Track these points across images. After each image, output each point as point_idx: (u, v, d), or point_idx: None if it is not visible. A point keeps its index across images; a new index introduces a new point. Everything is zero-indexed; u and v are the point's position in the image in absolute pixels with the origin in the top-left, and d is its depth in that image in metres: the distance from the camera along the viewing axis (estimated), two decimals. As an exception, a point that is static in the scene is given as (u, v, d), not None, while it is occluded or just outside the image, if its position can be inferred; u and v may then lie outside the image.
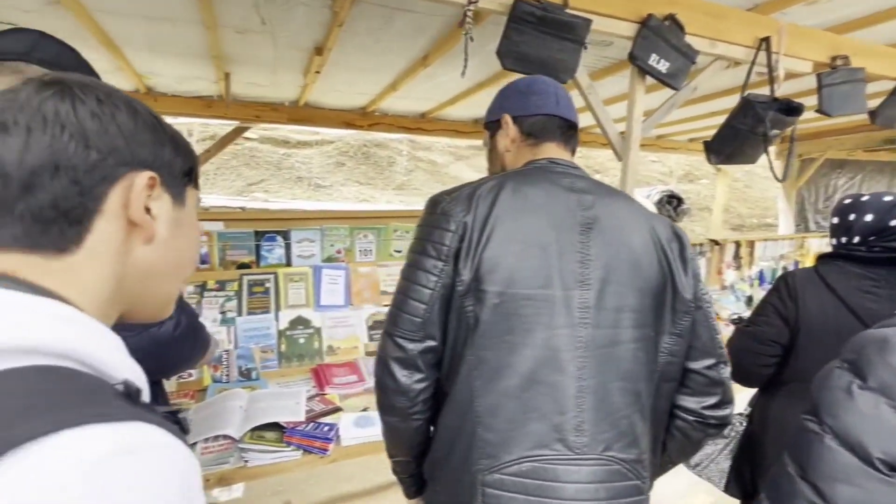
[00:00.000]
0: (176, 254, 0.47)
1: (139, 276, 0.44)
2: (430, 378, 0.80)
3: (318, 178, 6.84)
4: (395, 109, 3.62)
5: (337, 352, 1.91)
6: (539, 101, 0.91)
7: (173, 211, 0.45)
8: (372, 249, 2.19)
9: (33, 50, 0.89)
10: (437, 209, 0.80)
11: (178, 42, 2.13)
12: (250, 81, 2.85)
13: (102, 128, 0.40)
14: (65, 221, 0.38)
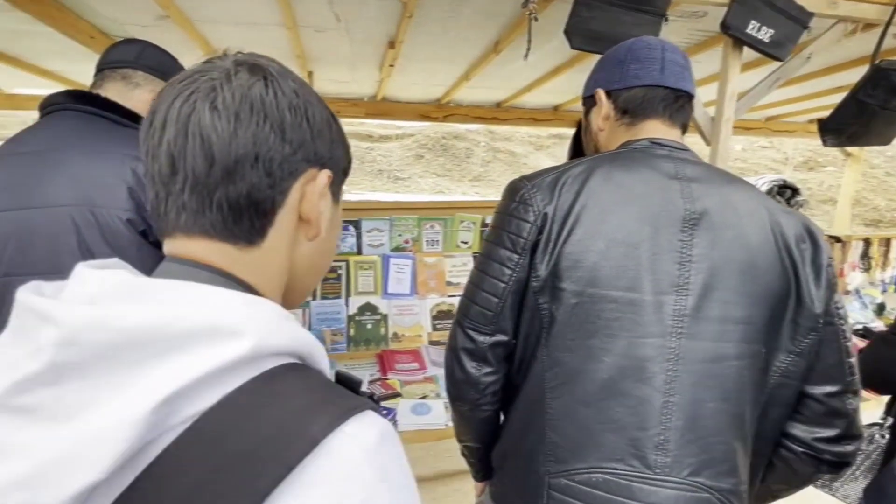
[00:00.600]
0: (327, 250, 0.48)
1: (300, 270, 0.45)
2: (499, 371, 0.78)
3: (397, 171, 7.07)
4: (470, 100, 3.60)
5: (401, 339, 1.96)
6: (638, 70, 0.77)
7: (332, 209, 0.46)
8: (439, 240, 2.21)
9: (139, 58, 1.01)
10: (516, 196, 0.75)
11: (265, 45, 2.30)
12: (331, 78, 3.00)
13: (297, 121, 0.40)
14: (255, 213, 0.39)
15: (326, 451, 0.30)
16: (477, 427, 0.85)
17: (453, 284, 2.13)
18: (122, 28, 2.07)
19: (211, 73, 0.37)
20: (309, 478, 0.29)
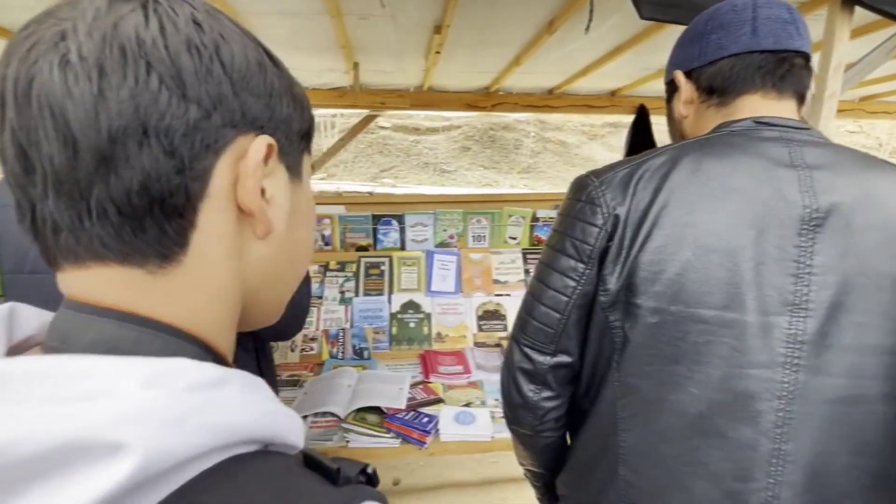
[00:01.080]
0: (294, 247, 0.35)
1: (258, 282, 0.33)
2: (562, 396, 0.69)
3: (443, 164, 6.99)
4: (521, 87, 3.43)
5: (445, 339, 1.87)
6: (722, 38, 0.64)
7: (290, 189, 0.33)
8: (485, 235, 2.09)
9: None
10: (582, 195, 0.64)
11: (310, 35, 2.26)
12: (377, 69, 2.94)
13: (202, 67, 0.26)
14: (162, 214, 0.26)
15: None
16: (539, 453, 0.76)
17: (500, 283, 2.01)
18: (173, 24, 2.10)
19: (61, 13, 0.25)
20: None
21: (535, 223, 2.10)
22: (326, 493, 0.26)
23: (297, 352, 1.78)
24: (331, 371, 1.65)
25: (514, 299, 1.96)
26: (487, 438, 1.30)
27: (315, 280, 1.94)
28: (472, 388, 1.56)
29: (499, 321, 1.92)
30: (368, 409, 1.38)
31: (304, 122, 0.35)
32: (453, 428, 1.33)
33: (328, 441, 1.29)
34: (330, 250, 2.01)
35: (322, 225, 1.98)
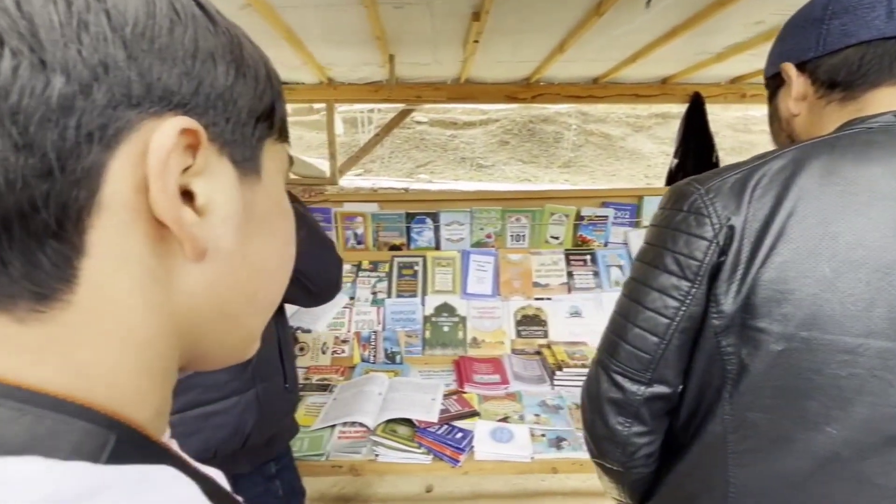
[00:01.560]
0: (254, 264, 0.26)
1: (198, 318, 0.24)
2: (656, 432, 0.64)
3: (480, 158, 6.83)
4: (563, 77, 3.25)
5: (481, 345, 1.77)
6: (848, 24, 0.55)
7: (240, 189, 0.24)
8: (525, 234, 1.97)
9: None
10: (684, 205, 0.58)
11: (344, 27, 2.20)
12: (413, 61, 2.86)
13: (75, 19, 0.18)
14: (26, 236, 0.18)
15: None
16: (627, 487, 0.70)
17: (541, 286, 1.88)
18: (210, 20, 2.09)
19: None
20: None
21: (580, 222, 1.95)
22: None
23: (328, 354, 1.73)
24: (361, 377, 1.59)
25: (555, 304, 1.83)
26: (526, 459, 1.19)
27: (347, 280, 1.88)
28: (510, 401, 1.45)
29: (539, 327, 1.80)
30: (399, 421, 1.31)
31: (261, 100, 0.25)
32: (489, 445, 1.22)
33: (356, 453, 1.22)
34: (363, 249, 1.95)
35: (354, 223, 1.92)
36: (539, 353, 1.71)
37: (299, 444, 1.24)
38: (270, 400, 0.84)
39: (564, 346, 1.68)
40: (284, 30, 2.24)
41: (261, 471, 0.86)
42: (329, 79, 3.18)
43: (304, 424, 1.34)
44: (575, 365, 1.52)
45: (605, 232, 1.97)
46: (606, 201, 1.99)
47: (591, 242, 1.98)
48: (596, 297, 1.85)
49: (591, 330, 1.78)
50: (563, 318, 1.82)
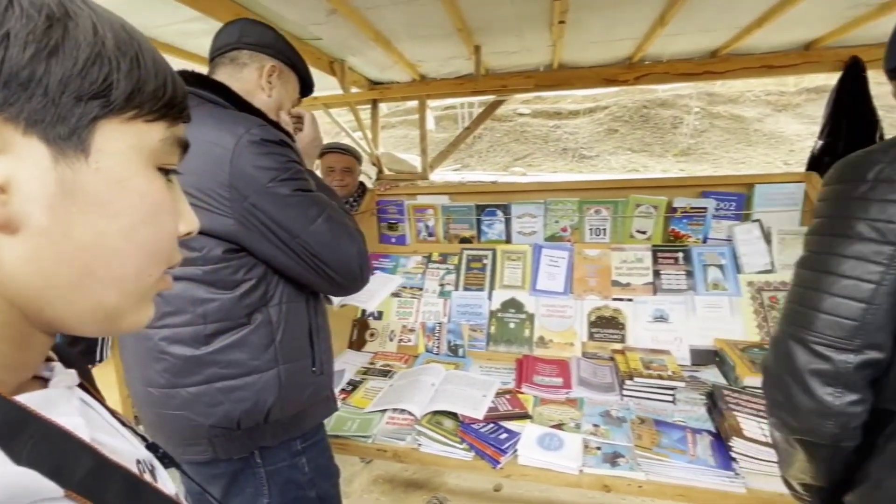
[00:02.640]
0: (82, 246, 0.28)
1: (27, 286, 0.27)
2: (868, 400, 0.64)
3: (584, 149, 6.41)
4: (672, 52, 2.90)
5: (549, 345, 1.67)
6: None
7: (55, 170, 0.26)
8: (606, 228, 1.80)
9: (242, 36, 0.99)
10: (868, 175, 0.63)
11: (426, 22, 2.23)
12: (500, 51, 2.79)
13: None
14: None
15: None
16: (830, 465, 0.69)
17: (621, 285, 1.70)
18: (305, 29, 2.28)
19: None
20: None
21: (672, 214, 1.72)
22: None
23: (395, 341, 1.78)
24: (421, 366, 1.61)
25: (636, 306, 1.64)
26: (573, 471, 1.09)
27: (417, 271, 1.92)
28: (569, 407, 1.34)
29: (615, 330, 1.63)
30: (446, 414, 1.29)
31: (84, 79, 0.26)
32: (534, 451, 1.14)
33: (401, 440, 1.24)
34: (433, 241, 1.97)
35: (426, 215, 1.95)
36: (612, 360, 1.55)
37: (350, 423, 1.30)
38: (294, 380, 0.88)
39: (642, 353, 1.50)
40: (372, 31, 2.34)
41: (287, 446, 0.91)
42: (421, 76, 3.27)
43: (359, 406, 1.40)
44: (650, 375, 1.35)
45: (704, 226, 1.71)
46: (707, 191, 1.72)
47: (686, 238, 1.73)
48: (687, 301, 1.61)
49: (678, 338, 1.56)
50: (645, 323, 1.62)
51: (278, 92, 0.99)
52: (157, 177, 0.31)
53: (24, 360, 0.29)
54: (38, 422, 0.26)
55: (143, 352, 0.85)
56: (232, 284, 0.83)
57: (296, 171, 0.85)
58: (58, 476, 0.25)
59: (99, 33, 0.27)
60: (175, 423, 0.86)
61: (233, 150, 0.79)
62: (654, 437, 1.14)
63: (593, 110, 6.97)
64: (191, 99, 0.94)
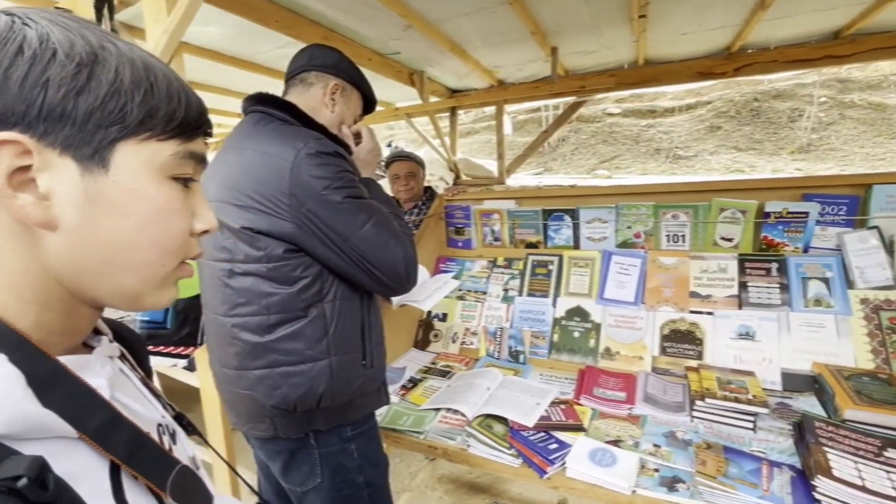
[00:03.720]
0: (105, 241, 0.35)
1: (69, 271, 0.35)
2: None
3: (679, 148, 5.87)
4: (781, 37, 2.58)
5: (615, 357, 1.58)
6: None
7: (83, 182, 0.33)
8: (684, 234, 1.67)
9: (311, 59, 1.11)
10: None
11: (500, 29, 2.25)
12: (578, 51, 2.71)
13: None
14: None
15: None
16: None
17: (700, 297, 1.56)
18: (385, 45, 2.43)
19: None
20: None
21: (764, 220, 1.54)
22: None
23: (457, 343, 1.82)
24: (478, 369, 1.63)
25: (717, 320, 1.50)
26: (625, 491, 1.03)
27: (482, 275, 1.94)
28: (630, 424, 1.26)
29: (691, 346, 1.50)
30: (497, 418, 1.29)
31: (106, 111, 0.33)
32: (584, 465, 1.10)
33: (451, 440, 1.27)
34: (499, 246, 1.98)
35: (491, 220, 1.96)
36: (686, 377, 1.43)
37: (405, 418, 1.36)
38: (344, 372, 0.96)
39: (719, 372, 1.37)
40: (448, 42, 2.42)
41: (337, 431, 0.99)
42: (499, 81, 3.29)
43: (416, 403, 1.45)
44: (725, 397, 1.22)
45: (805, 233, 1.50)
46: (810, 193, 1.51)
47: (781, 247, 1.53)
48: (780, 317, 1.43)
49: (767, 358, 1.39)
50: (727, 339, 1.47)
51: (340, 108, 1.09)
52: (168, 185, 0.38)
53: (71, 327, 0.38)
54: (70, 378, 0.33)
55: (221, 337, 0.99)
56: (291, 281, 0.93)
57: (348, 180, 0.93)
58: (75, 421, 0.32)
59: (119, 72, 0.34)
60: (244, 401, 0.98)
61: (292, 162, 0.89)
62: (721, 465, 1.03)
63: (693, 106, 6.36)
64: (262, 117, 1.07)
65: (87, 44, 0.33)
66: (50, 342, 0.34)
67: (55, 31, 0.32)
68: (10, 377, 0.30)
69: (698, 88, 6.46)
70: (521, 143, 5.76)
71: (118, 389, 0.39)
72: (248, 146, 0.95)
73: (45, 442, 0.30)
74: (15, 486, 0.26)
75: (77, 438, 0.32)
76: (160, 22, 1.26)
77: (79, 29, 0.33)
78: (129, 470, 0.35)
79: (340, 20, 2.05)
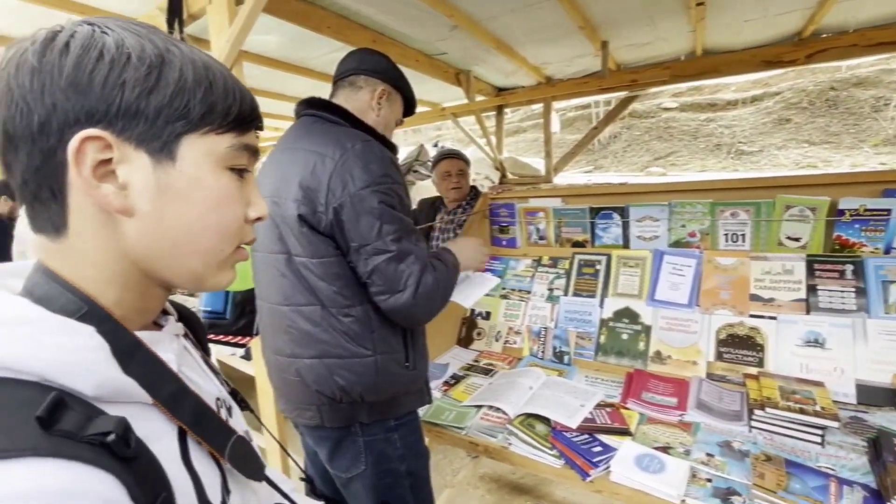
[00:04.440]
0: (172, 227, 0.38)
1: (143, 253, 0.38)
2: None
3: (743, 143, 5.47)
4: (863, 19, 2.36)
5: (666, 361, 1.52)
6: None
7: (154, 173, 0.36)
8: (745, 234, 1.57)
9: (360, 63, 1.15)
10: None
11: (547, 24, 2.21)
12: (631, 43, 2.61)
13: (41, 83, 0.33)
14: (40, 201, 0.35)
15: None
16: None
17: (762, 300, 1.46)
18: (431, 45, 2.46)
19: None
20: None
21: (838, 218, 1.41)
22: (9, 430, 0.27)
23: (500, 342, 1.81)
24: (522, 368, 1.61)
25: (782, 325, 1.39)
26: (674, 499, 0.98)
27: (526, 274, 1.92)
28: (681, 430, 1.21)
29: (751, 352, 1.41)
30: (539, 418, 1.28)
31: (172, 108, 0.36)
32: (630, 470, 1.06)
33: (493, 437, 1.27)
34: (544, 244, 1.95)
35: (536, 218, 1.94)
36: (744, 385, 1.34)
37: (447, 414, 1.38)
38: (387, 370, 0.98)
39: (783, 380, 1.27)
40: (493, 40, 2.42)
41: (381, 423, 1.01)
42: (547, 78, 3.23)
43: (458, 399, 1.46)
44: (789, 408, 1.14)
45: (887, 233, 1.36)
46: (891, 189, 1.37)
47: (857, 247, 1.40)
48: (855, 324, 1.31)
49: (839, 368, 1.28)
50: (792, 346, 1.36)
51: (385, 112, 1.12)
52: (225, 175, 0.41)
53: (145, 306, 0.42)
54: (146, 351, 0.37)
55: (276, 325, 1.05)
56: (334, 277, 0.96)
57: (388, 188, 0.95)
58: (151, 389, 0.35)
59: (183, 71, 0.37)
60: (293, 388, 1.03)
61: (338, 160, 0.93)
62: (782, 480, 0.96)
63: (759, 98, 5.91)
64: (315, 119, 1.12)
65: (155, 47, 0.36)
66: (128, 319, 0.38)
67: (128, 37, 0.35)
68: (99, 347, 0.33)
69: (766, 78, 6.01)
70: (571, 141, 5.62)
71: (183, 364, 0.43)
72: (300, 146, 1.00)
73: (125, 406, 0.34)
74: (105, 440, 0.29)
75: (151, 405, 0.36)
76: (223, 32, 1.35)
77: (147, 34, 0.37)
78: (195, 436, 0.39)
79: (388, 23, 2.10)
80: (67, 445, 0.28)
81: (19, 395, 0.29)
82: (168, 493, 0.33)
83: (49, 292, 0.35)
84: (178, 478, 0.35)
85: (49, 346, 0.31)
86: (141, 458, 0.32)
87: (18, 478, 0.26)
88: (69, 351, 0.32)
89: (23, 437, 0.27)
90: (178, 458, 0.37)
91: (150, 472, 0.33)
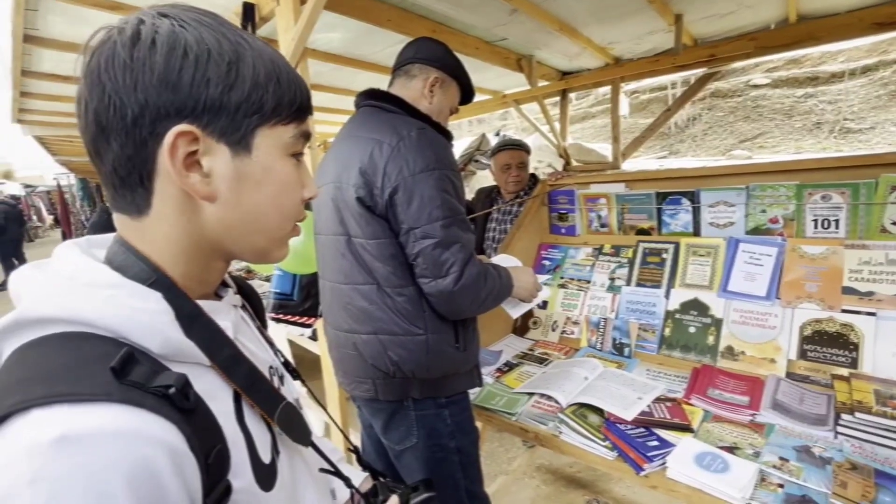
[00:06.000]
0: (247, 210, 0.42)
1: (217, 232, 0.42)
2: None
3: (849, 120, 4.77)
4: None
5: (739, 357, 1.40)
6: None
7: (233, 163, 0.40)
8: (839, 219, 1.39)
9: (416, 52, 1.17)
10: None
11: (611, 2, 2.10)
12: (710, 14, 2.40)
13: (133, 79, 0.36)
14: (127, 186, 0.39)
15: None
16: None
17: (857, 294, 1.29)
18: (490, 32, 2.43)
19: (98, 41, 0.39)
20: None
21: (959, 200, 1.21)
22: (88, 377, 0.31)
23: (557, 332, 1.78)
24: (578, 358, 1.57)
25: (882, 322, 1.23)
26: (737, 502, 0.91)
27: (586, 263, 1.86)
28: (751, 431, 1.11)
29: (842, 350, 1.26)
30: (592, 408, 1.24)
31: (250, 102, 0.39)
32: (688, 468, 1.00)
33: (543, 425, 1.25)
34: (606, 232, 1.87)
35: (598, 205, 1.86)
36: (830, 386, 1.21)
37: (498, 399, 1.38)
38: (438, 350, 1.01)
39: (880, 384, 1.13)
40: (556, 22, 2.35)
41: (432, 400, 1.05)
42: (615, 58, 3.07)
43: (510, 386, 1.46)
44: (885, 413, 1.01)
45: None
46: None
47: None
48: (978, 324, 1.12)
49: (954, 373, 1.11)
50: (894, 347, 1.20)
51: (439, 99, 1.14)
52: (289, 161, 0.45)
53: (207, 278, 0.47)
54: (205, 318, 0.42)
55: (336, 302, 1.11)
56: (389, 258, 1.00)
57: (440, 174, 0.97)
58: (209, 353, 0.40)
59: (255, 67, 0.41)
60: (350, 362, 1.09)
61: (394, 146, 0.96)
62: (869, 491, 0.86)
63: (872, 68, 5.12)
64: (374, 110, 1.18)
65: (229, 42, 0.40)
66: (191, 288, 0.43)
67: (205, 32, 0.39)
68: (165, 311, 0.38)
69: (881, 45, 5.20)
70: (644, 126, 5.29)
71: (240, 332, 0.48)
72: (360, 134, 1.05)
73: (186, 365, 0.38)
74: (167, 392, 0.33)
75: (209, 367, 0.41)
76: (289, 31, 1.44)
77: (219, 27, 0.40)
78: (248, 399, 0.43)
79: (447, 12, 2.11)
80: (136, 394, 0.32)
81: (99, 348, 0.34)
82: (223, 446, 0.37)
83: (126, 261, 0.40)
84: (233, 434, 0.39)
85: (125, 307, 0.36)
86: (199, 412, 0.36)
87: (95, 417, 0.30)
88: (141, 312, 0.36)
89: (100, 384, 0.31)
90: (233, 417, 0.41)
91: (207, 425, 0.36)
